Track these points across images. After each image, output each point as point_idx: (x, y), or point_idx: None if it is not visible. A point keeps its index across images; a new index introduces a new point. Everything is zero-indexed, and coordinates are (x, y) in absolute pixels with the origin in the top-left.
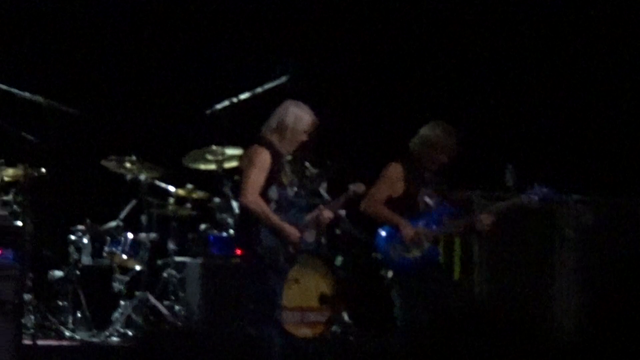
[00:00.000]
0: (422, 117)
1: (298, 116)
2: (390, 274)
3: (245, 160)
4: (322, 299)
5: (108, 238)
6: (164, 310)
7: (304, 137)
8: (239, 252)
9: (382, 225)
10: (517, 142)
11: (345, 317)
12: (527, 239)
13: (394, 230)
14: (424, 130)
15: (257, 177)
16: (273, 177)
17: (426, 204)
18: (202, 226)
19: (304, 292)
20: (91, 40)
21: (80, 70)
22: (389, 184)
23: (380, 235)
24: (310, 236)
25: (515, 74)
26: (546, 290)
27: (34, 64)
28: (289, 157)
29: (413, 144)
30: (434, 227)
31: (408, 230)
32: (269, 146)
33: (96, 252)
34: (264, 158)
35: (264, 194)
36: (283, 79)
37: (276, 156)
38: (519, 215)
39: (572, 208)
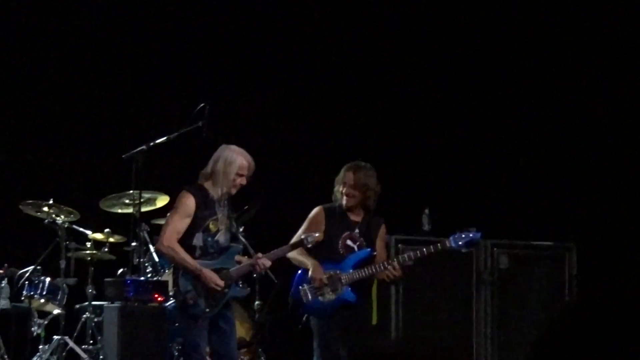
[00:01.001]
0: (344, 160)
1: (229, 160)
2: (304, 318)
3: (173, 205)
4: (240, 343)
5: (26, 282)
6: (82, 354)
7: (241, 181)
8: (157, 296)
9: (297, 268)
10: (434, 187)
11: None
12: (445, 282)
13: (307, 273)
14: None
15: (176, 222)
16: (199, 223)
17: (347, 247)
18: (120, 270)
19: None
20: (3, 82)
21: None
22: (309, 227)
23: (296, 279)
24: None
25: (431, 116)
26: (465, 332)
27: None
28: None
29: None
30: (351, 270)
31: (317, 274)
32: (197, 191)
33: (14, 296)
34: (186, 203)
35: (186, 240)
36: (199, 123)
37: (204, 202)
38: (437, 259)
39: (489, 252)
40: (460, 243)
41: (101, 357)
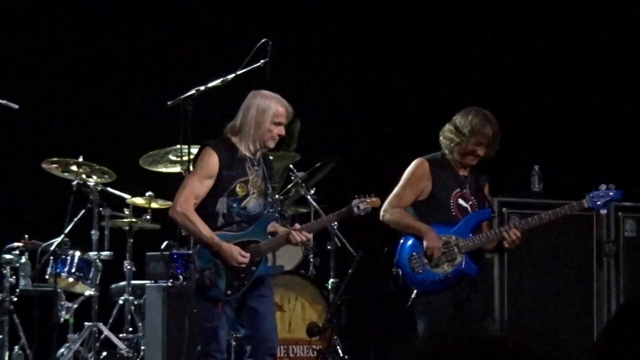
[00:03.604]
0: (435, 109)
1: (262, 107)
2: (414, 293)
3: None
4: (311, 329)
5: (51, 258)
6: (119, 344)
7: (279, 131)
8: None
9: (404, 234)
10: (545, 141)
11: (340, 351)
12: (559, 254)
13: (418, 240)
14: (457, 117)
15: (195, 184)
16: (224, 185)
17: (460, 208)
18: (165, 242)
19: (288, 321)
20: (29, 23)
21: (18, 58)
22: (414, 185)
23: (402, 247)
24: None
25: (539, 67)
26: (583, 316)
27: None
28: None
29: (443, 134)
30: (470, 235)
31: (434, 241)
32: (221, 147)
33: (37, 275)
34: (208, 162)
35: (207, 205)
36: (261, 62)
37: (230, 160)
38: (549, 226)
39: (612, 217)
40: (598, 203)
41: (142, 347)
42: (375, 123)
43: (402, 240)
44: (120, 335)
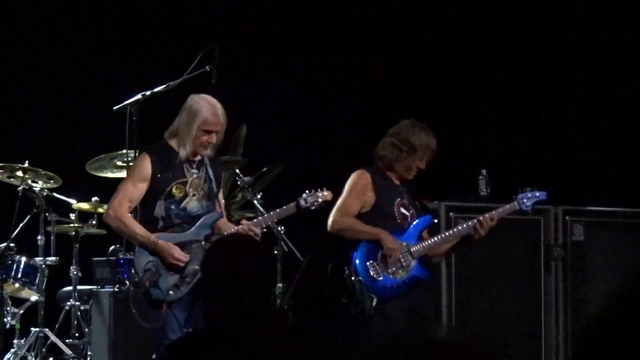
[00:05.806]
0: (383, 115)
1: (191, 113)
2: (374, 300)
3: None
4: None
5: None
6: (66, 350)
7: (209, 139)
8: None
9: (356, 242)
10: (492, 146)
11: None
12: (507, 258)
13: (373, 247)
14: (399, 132)
15: (128, 188)
16: (160, 188)
17: (403, 216)
18: (111, 247)
19: None
20: None
21: None
22: (358, 196)
23: (356, 256)
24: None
25: (488, 70)
26: (531, 319)
27: None
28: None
29: (385, 147)
30: (416, 241)
31: (392, 242)
32: (156, 150)
33: None
34: (140, 165)
35: (148, 210)
36: (207, 67)
37: (165, 162)
38: (496, 230)
39: (560, 221)
40: (528, 204)
41: (89, 353)
42: (322, 128)
43: (354, 252)
44: (67, 340)
